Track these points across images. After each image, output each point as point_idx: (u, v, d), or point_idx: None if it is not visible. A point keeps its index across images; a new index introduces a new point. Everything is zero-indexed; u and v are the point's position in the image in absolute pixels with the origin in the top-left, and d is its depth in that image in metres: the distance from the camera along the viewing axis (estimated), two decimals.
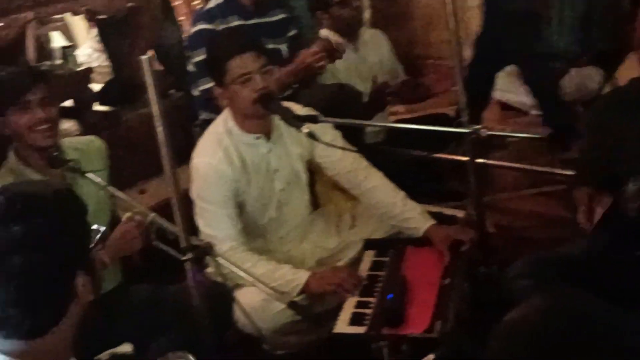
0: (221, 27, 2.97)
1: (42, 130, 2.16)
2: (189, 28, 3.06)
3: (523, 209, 3.21)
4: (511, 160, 3.30)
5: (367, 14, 3.87)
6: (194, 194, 2.44)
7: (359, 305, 2.22)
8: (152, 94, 1.90)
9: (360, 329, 2.10)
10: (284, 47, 3.17)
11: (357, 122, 2.64)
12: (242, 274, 2.05)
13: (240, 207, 2.49)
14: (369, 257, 2.51)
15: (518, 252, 2.51)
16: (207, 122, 2.77)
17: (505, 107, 4.26)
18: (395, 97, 3.52)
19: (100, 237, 1.40)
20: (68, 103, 3.24)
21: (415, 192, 2.66)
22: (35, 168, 2.20)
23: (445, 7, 2.30)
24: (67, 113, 2.97)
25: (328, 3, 3.35)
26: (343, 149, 2.52)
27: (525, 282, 1.99)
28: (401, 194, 2.58)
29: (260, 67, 2.34)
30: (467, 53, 5.35)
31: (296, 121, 2.24)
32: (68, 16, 4.67)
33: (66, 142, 2.35)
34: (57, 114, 2.20)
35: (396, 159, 3.16)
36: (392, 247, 2.53)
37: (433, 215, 2.57)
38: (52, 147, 2.19)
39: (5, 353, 1.24)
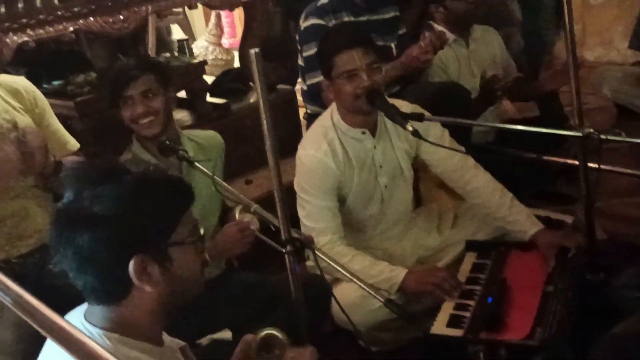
0: (332, 22, 2.98)
1: (144, 122, 2.25)
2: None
3: (635, 216, 3.07)
4: (625, 165, 3.15)
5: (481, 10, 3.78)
6: (297, 185, 2.47)
7: (458, 307, 2.19)
8: (258, 86, 1.93)
9: (457, 332, 2.08)
10: (393, 45, 3.15)
11: (464, 121, 2.59)
12: (339, 268, 2.07)
13: (342, 201, 2.50)
14: (470, 258, 2.47)
15: (628, 261, 2.40)
16: (315, 116, 2.81)
17: (621, 109, 4.09)
18: (506, 93, 3.44)
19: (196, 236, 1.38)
20: (181, 94, 3.35)
21: (523, 195, 2.60)
22: (152, 153, 2.30)
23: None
24: (180, 103, 3.07)
25: None
26: (449, 148, 2.48)
27: (633, 294, 1.90)
28: (509, 195, 2.52)
29: (368, 63, 2.34)
30: (589, 53, 5.21)
31: (401, 119, 2.23)
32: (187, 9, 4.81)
33: (186, 133, 2.43)
34: (163, 105, 2.27)
35: (504, 159, 3.08)
36: (494, 249, 2.48)
37: (540, 219, 2.50)
38: (159, 136, 2.27)
39: (96, 325, 1.28)
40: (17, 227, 2.19)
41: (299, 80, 3.40)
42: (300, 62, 3.15)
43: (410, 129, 2.15)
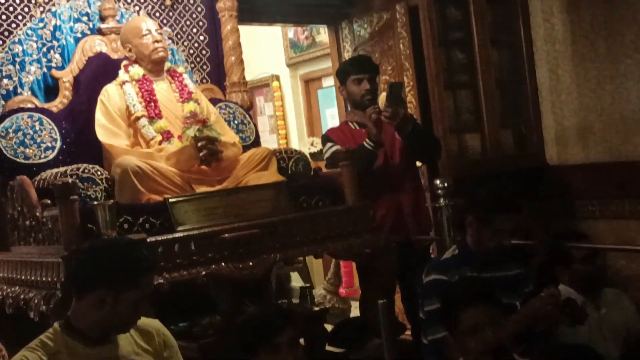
0: (455, 278, 3.00)
1: None
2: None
3: None
4: None
5: (610, 273, 3.75)
6: None
7: None
8: (385, 339, 1.94)
9: None
10: (518, 304, 3.10)
11: None
12: None
13: None
14: None
15: None
16: None
17: None
18: None
19: None
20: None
21: None
22: None
23: None
24: None
25: (569, 259, 3.29)
26: None
27: None
28: None
29: (492, 320, 2.31)
30: None
31: None
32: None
33: None
34: (302, 354, 2.31)
35: None
36: None
37: None
38: None
39: None
40: None
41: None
42: (421, 315, 3.14)
43: None
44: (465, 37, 4.45)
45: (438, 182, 3.77)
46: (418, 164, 4.24)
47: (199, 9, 4.27)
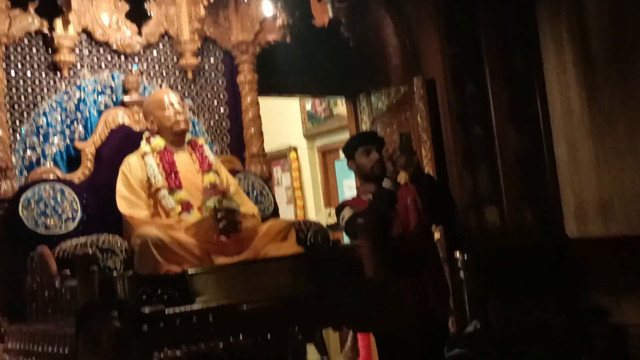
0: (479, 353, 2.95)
1: None
2: None
3: None
4: None
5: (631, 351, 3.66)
6: None
7: None
8: None
9: None
10: None
11: None
12: None
13: None
14: None
15: None
16: None
17: None
18: None
19: None
20: None
21: None
22: None
23: None
24: None
25: (589, 336, 3.23)
26: None
27: None
28: None
29: None
30: None
31: None
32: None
33: None
34: None
35: None
36: None
37: None
38: None
39: None
40: None
41: None
42: None
43: None
44: (483, 113, 4.48)
45: (458, 254, 3.74)
46: (436, 236, 4.22)
47: (220, 82, 4.35)
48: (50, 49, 3.77)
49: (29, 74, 3.73)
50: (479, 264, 3.68)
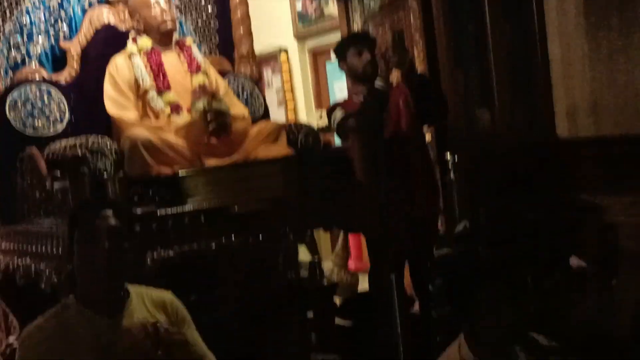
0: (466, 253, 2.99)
1: None
2: None
3: None
4: None
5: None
6: None
7: None
8: (396, 313, 1.93)
9: None
10: (529, 278, 3.09)
11: None
12: None
13: None
14: None
15: None
16: (444, 347, 2.72)
17: None
18: None
19: None
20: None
21: None
22: None
23: None
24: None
25: (579, 233, 3.27)
26: None
27: None
28: None
29: (504, 296, 2.29)
30: None
31: (543, 354, 2.13)
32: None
33: None
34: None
35: None
36: None
37: None
38: None
39: None
40: None
41: None
42: (432, 289, 3.14)
43: None
44: (477, 10, 4.40)
45: (448, 155, 3.75)
46: (427, 138, 4.22)
47: None
48: None
49: None
50: (469, 165, 3.70)
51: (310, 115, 6.92)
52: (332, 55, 6.73)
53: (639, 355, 3.08)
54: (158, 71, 3.50)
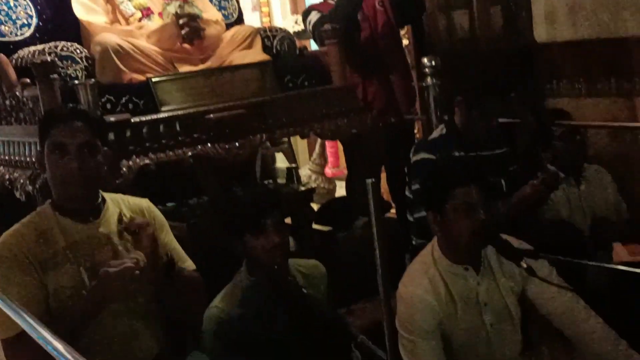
0: (443, 157, 3.00)
1: (276, 254, 2.29)
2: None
3: None
4: None
5: (591, 150, 3.76)
6: (398, 323, 2.40)
7: None
8: (374, 217, 1.94)
9: None
10: (503, 181, 3.13)
11: (580, 261, 2.51)
12: None
13: (446, 341, 2.41)
14: None
15: None
16: (420, 249, 2.78)
17: None
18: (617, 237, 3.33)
19: None
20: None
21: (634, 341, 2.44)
22: (262, 282, 2.33)
23: None
24: None
25: (550, 137, 3.30)
26: (560, 286, 2.38)
27: None
28: (623, 343, 2.37)
29: (480, 199, 2.32)
30: None
31: (515, 255, 2.17)
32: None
33: (291, 262, 2.45)
34: (288, 235, 2.32)
35: (618, 305, 2.93)
36: None
37: None
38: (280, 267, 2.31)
39: None
40: (125, 346, 2.21)
41: None
42: (408, 194, 3.16)
43: (525, 265, 2.09)
44: None
45: (425, 60, 3.70)
46: (405, 42, 4.16)
47: None
48: None
49: None
50: (447, 70, 3.66)
51: (285, 21, 6.78)
52: None
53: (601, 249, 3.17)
54: None
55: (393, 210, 4.00)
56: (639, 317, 2.81)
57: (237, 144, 3.06)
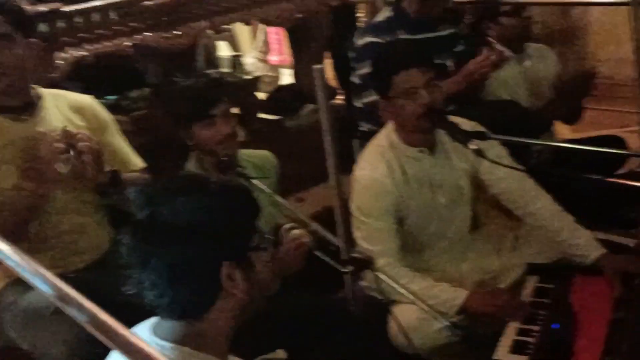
0: (389, 40, 2.95)
1: (226, 144, 2.24)
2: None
3: None
4: None
5: (535, 28, 3.74)
6: (354, 206, 2.42)
7: (521, 332, 2.11)
8: (321, 104, 1.91)
9: (522, 358, 2.00)
10: (450, 63, 3.10)
11: (526, 140, 2.53)
12: (400, 289, 2.03)
13: (400, 222, 2.45)
14: (532, 282, 2.39)
15: None
16: (369, 134, 2.77)
17: None
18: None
19: (265, 243, 1.38)
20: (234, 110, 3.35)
21: (583, 217, 2.52)
22: (209, 171, 2.29)
23: (623, 24, 2.16)
24: None
25: (496, 12, 3.25)
26: (510, 167, 2.42)
27: None
28: (569, 218, 2.45)
29: (426, 81, 2.30)
30: None
31: (463, 137, 2.18)
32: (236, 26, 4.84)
33: (241, 152, 2.42)
34: (236, 125, 2.28)
35: (564, 181, 3.00)
36: (557, 273, 2.40)
37: (602, 243, 2.42)
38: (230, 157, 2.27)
39: (165, 339, 1.29)
40: (73, 242, 2.18)
41: None
42: (354, 79, 3.12)
43: (474, 147, 2.10)
44: None
45: None
46: None
47: None
48: None
49: None
50: None
51: None
52: None
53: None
54: None
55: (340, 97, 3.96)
56: (581, 192, 2.91)
57: (177, 32, 2.96)
